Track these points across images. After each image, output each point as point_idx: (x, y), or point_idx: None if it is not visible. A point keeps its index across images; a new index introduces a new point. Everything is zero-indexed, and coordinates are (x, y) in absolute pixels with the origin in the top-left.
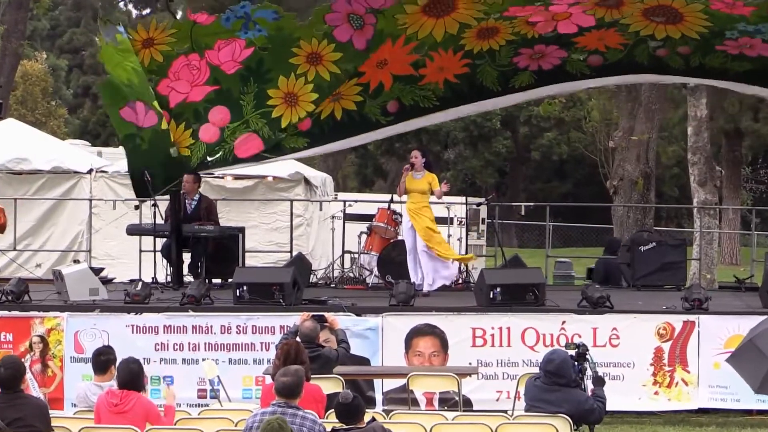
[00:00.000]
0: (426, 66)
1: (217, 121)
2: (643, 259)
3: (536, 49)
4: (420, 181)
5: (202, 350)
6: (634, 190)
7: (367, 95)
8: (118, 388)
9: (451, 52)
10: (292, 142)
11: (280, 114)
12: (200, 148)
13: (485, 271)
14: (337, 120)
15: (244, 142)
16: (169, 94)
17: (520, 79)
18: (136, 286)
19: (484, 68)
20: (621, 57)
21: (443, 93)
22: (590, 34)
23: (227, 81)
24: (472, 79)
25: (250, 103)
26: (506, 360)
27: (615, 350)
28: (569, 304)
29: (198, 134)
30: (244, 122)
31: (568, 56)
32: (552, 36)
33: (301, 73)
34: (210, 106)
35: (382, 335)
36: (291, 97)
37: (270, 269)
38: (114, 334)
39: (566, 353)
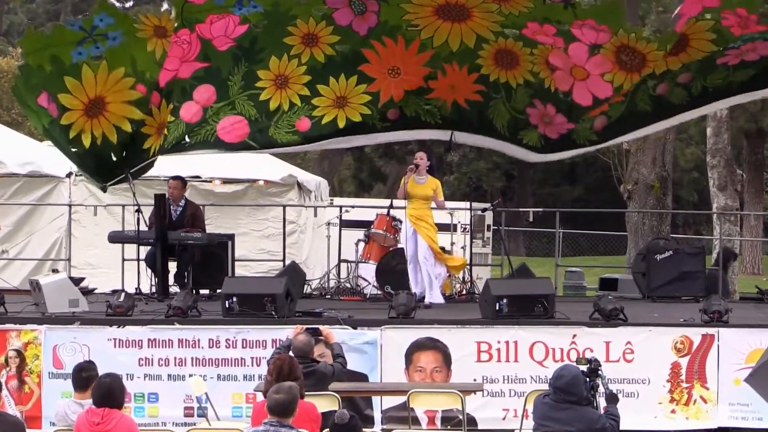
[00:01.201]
0: (437, 78)
1: (202, 100)
2: (659, 269)
3: (548, 110)
4: (423, 186)
5: (189, 365)
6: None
7: (376, 108)
8: (94, 406)
9: (466, 70)
10: (285, 138)
11: (269, 97)
12: (179, 127)
13: (491, 282)
14: (338, 128)
15: (228, 125)
16: (160, 73)
17: (529, 136)
18: (119, 298)
19: (498, 105)
20: (623, 111)
21: (449, 114)
22: (597, 109)
23: (218, 58)
24: (484, 112)
25: (238, 84)
26: (513, 376)
27: (629, 365)
28: (580, 317)
29: (179, 112)
30: (229, 103)
31: (575, 128)
32: (566, 103)
33: (295, 54)
34: (196, 83)
35: (381, 349)
36: (281, 80)
37: (261, 279)
38: (95, 349)
39: (577, 369)
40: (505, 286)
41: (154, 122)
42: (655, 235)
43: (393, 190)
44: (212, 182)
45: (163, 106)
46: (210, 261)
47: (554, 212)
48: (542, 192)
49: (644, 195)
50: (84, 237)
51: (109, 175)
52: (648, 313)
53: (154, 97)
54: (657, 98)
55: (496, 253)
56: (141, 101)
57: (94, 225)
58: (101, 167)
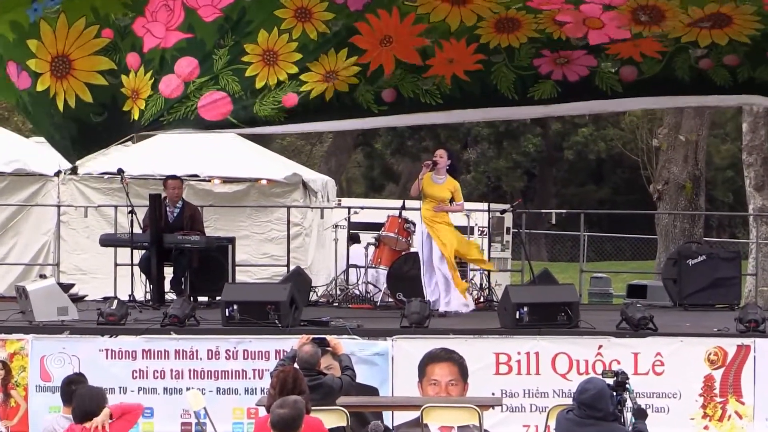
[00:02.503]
0: (435, 55)
1: (183, 74)
2: (691, 275)
3: (562, 53)
4: (441, 187)
5: (187, 378)
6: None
7: (364, 78)
8: (75, 422)
9: (464, 42)
10: (269, 116)
11: (255, 73)
12: (157, 103)
13: (510, 288)
14: (324, 101)
15: (209, 102)
16: (144, 36)
17: (541, 90)
18: (111, 305)
19: (499, 69)
20: (658, 70)
21: (450, 91)
22: (623, 44)
23: (203, 29)
24: (485, 79)
25: (224, 58)
26: (534, 390)
27: (659, 378)
28: (607, 326)
29: (158, 86)
30: (212, 78)
31: (598, 65)
32: (581, 44)
33: (286, 29)
34: (178, 55)
35: (392, 361)
36: (270, 55)
37: (264, 286)
38: (86, 360)
39: (603, 382)
40: (526, 293)
41: (129, 86)
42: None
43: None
44: (211, 181)
45: (140, 72)
46: (209, 266)
47: (579, 214)
48: (566, 192)
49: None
50: (74, 240)
51: (95, 140)
52: (679, 323)
53: (134, 59)
54: (699, 72)
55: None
56: (110, 48)
57: (84, 227)
58: (84, 132)
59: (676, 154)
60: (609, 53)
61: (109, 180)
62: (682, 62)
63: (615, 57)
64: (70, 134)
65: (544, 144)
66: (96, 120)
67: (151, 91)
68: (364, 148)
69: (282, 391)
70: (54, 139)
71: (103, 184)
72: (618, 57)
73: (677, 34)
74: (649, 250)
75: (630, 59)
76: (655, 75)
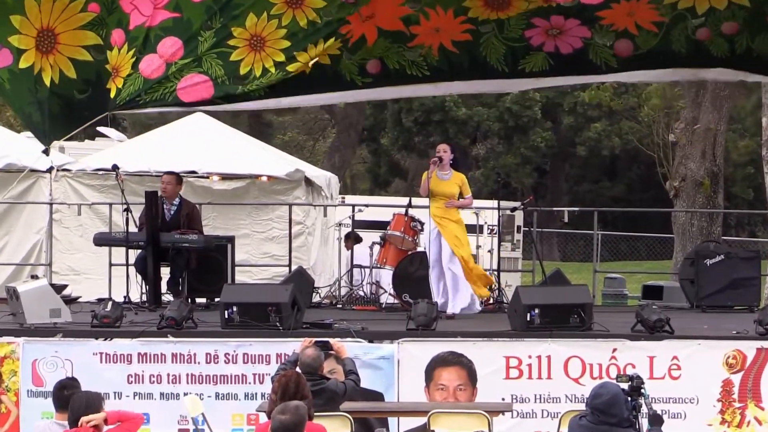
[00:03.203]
0: (419, 23)
1: (166, 55)
2: (709, 275)
3: (553, 22)
4: (448, 183)
5: (184, 383)
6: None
7: (346, 49)
8: (70, 427)
9: (452, 13)
10: (248, 91)
11: (240, 58)
12: (136, 82)
13: (521, 290)
14: (305, 74)
15: (189, 84)
16: (131, 12)
17: (533, 62)
18: (106, 307)
19: (489, 40)
20: (654, 44)
21: (437, 63)
22: (619, 6)
23: (190, 10)
24: (474, 51)
25: (209, 41)
26: (546, 395)
27: (676, 383)
28: (621, 329)
29: (139, 65)
30: (195, 60)
31: (592, 38)
32: (573, 6)
33: (276, 15)
34: (163, 35)
35: (398, 365)
36: (257, 41)
37: (264, 287)
38: (79, 364)
39: (618, 387)
40: (537, 294)
41: (112, 63)
42: (705, 238)
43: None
44: (210, 178)
45: (124, 50)
46: (207, 266)
47: (592, 212)
48: (578, 189)
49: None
50: (67, 239)
51: (76, 119)
52: (697, 325)
53: (118, 36)
54: (695, 43)
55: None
56: (96, 22)
57: (77, 225)
58: (66, 109)
59: (693, 150)
60: (603, 23)
61: (103, 176)
62: (679, 33)
63: (609, 28)
64: (51, 111)
65: (555, 139)
66: (79, 97)
67: (131, 69)
68: (370, 144)
69: (284, 396)
70: (31, 118)
71: (97, 181)
72: (613, 29)
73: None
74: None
75: (625, 31)
76: (652, 49)
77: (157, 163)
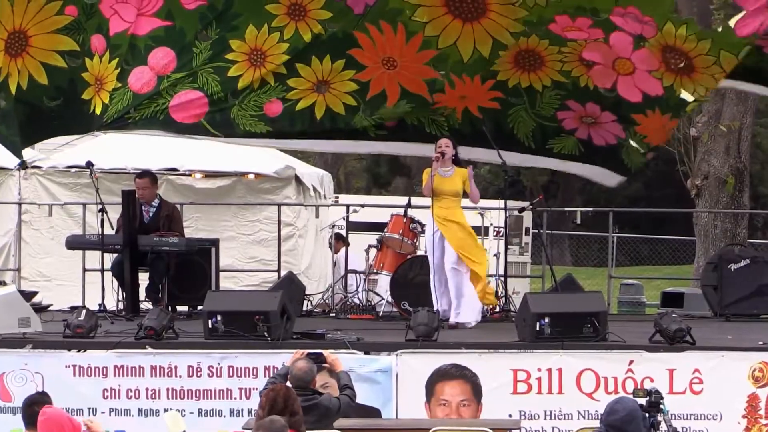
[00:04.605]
0: (444, 92)
1: (158, 67)
2: (733, 281)
3: (588, 110)
4: (451, 180)
5: (164, 398)
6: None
7: (363, 101)
8: None
9: (479, 80)
10: (248, 124)
11: (239, 74)
12: (125, 98)
13: (530, 297)
14: (315, 120)
15: (183, 101)
16: (111, 18)
17: (563, 144)
18: (79, 316)
19: (518, 113)
20: None
21: (459, 126)
22: (653, 115)
23: (183, 18)
24: (501, 121)
25: (205, 53)
26: (557, 411)
27: (697, 398)
28: (638, 339)
29: (127, 78)
30: (191, 75)
31: (626, 140)
32: (610, 99)
33: (277, 27)
34: (154, 45)
35: (397, 379)
36: (257, 55)
37: (251, 294)
38: (50, 377)
39: (635, 402)
40: (548, 302)
41: (93, 72)
42: (729, 240)
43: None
44: (192, 176)
45: (105, 58)
46: (189, 271)
47: (607, 212)
48: (592, 188)
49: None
50: (37, 242)
51: (44, 128)
52: (720, 335)
53: (99, 42)
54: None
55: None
56: (73, 26)
57: (49, 227)
58: (34, 117)
59: (716, 145)
60: (638, 129)
61: (76, 174)
62: None
63: (643, 139)
64: (18, 119)
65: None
66: (49, 105)
67: (118, 83)
68: None
69: (271, 412)
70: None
71: (69, 179)
72: (646, 141)
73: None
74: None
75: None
76: None
77: (134, 159)
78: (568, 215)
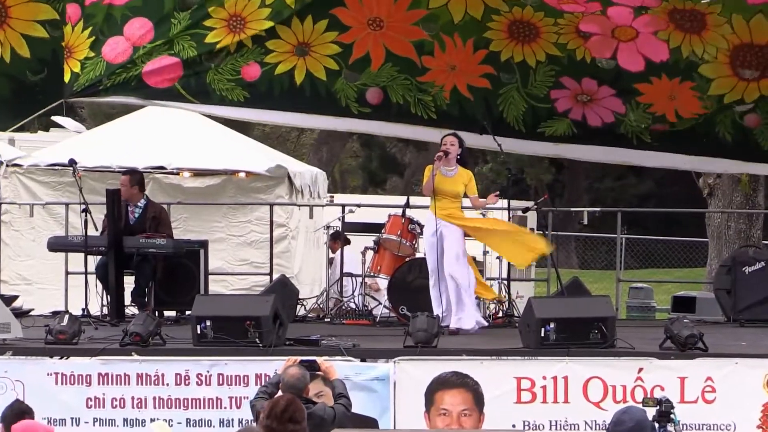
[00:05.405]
0: (433, 54)
1: (133, 37)
2: (747, 285)
3: (584, 86)
4: (453, 180)
5: (151, 407)
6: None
7: (345, 64)
8: None
9: (471, 46)
10: (225, 89)
11: (217, 40)
12: (97, 67)
13: (534, 301)
14: (295, 85)
15: (156, 66)
16: None
17: (555, 127)
18: (62, 321)
19: (510, 93)
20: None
21: (446, 107)
22: (659, 83)
23: None
24: (491, 102)
25: (183, 22)
26: (563, 421)
27: (710, 407)
28: (648, 346)
29: (101, 48)
30: (166, 43)
31: (626, 115)
32: (610, 72)
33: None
34: (130, 15)
35: (395, 387)
36: (236, 21)
37: (242, 298)
38: (31, 385)
39: (643, 412)
40: (553, 306)
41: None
42: (743, 242)
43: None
44: (180, 174)
45: (78, 27)
46: (177, 275)
47: (615, 212)
48: (600, 187)
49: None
50: (17, 243)
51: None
52: (734, 341)
53: (74, 11)
54: (743, 130)
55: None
56: None
57: (29, 228)
58: (18, 92)
59: None
60: (640, 100)
61: (59, 173)
62: (725, 117)
63: (647, 108)
64: (1, 95)
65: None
66: (33, 78)
67: (90, 52)
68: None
69: (268, 416)
70: None
71: (51, 178)
72: (650, 110)
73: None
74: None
75: (663, 117)
76: (692, 128)
77: (119, 157)
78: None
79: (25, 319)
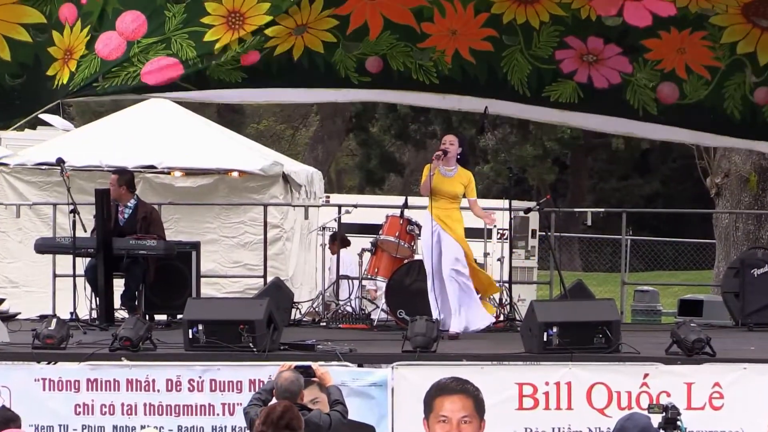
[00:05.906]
0: (433, 20)
1: (126, 32)
2: (756, 287)
3: (590, 46)
4: (451, 181)
5: (141, 414)
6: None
7: (343, 36)
8: None
9: (471, 10)
10: (222, 74)
11: (216, 38)
12: (92, 64)
13: (537, 305)
14: (293, 61)
15: (155, 68)
16: None
17: (560, 91)
18: (49, 325)
19: (513, 55)
20: (703, 96)
21: (448, 71)
22: (668, 37)
23: None
24: (494, 65)
25: (178, 16)
26: (566, 428)
27: (718, 414)
28: (654, 351)
29: (95, 44)
30: (163, 40)
31: (633, 74)
32: (616, 29)
33: None
34: (122, 9)
35: (393, 393)
36: (235, 17)
37: (235, 301)
38: (18, 391)
39: (649, 419)
40: (556, 310)
41: (62, 45)
42: (752, 244)
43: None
44: (171, 174)
45: (77, 28)
46: (168, 277)
47: (620, 213)
48: (604, 187)
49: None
50: (3, 245)
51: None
52: (742, 346)
53: (70, 11)
54: (751, 106)
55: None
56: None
57: (16, 229)
58: None
59: None
60: (648, 57)
61: (46, 172)
62: (734, 88)
63: (655, 66)
64: None
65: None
66: (11, 83)
67: (85, 50)
68: (358, 134)
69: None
70: None
71: (39, 177)
72: (659, 67)
73: (732, 36)
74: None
75: (672, 73)
76: (700, 102)
77: (109, 156)
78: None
79: (12, 323)
